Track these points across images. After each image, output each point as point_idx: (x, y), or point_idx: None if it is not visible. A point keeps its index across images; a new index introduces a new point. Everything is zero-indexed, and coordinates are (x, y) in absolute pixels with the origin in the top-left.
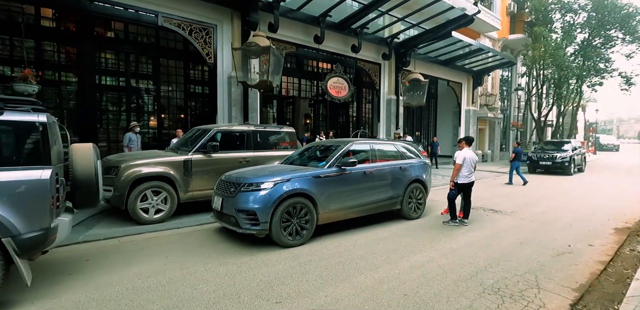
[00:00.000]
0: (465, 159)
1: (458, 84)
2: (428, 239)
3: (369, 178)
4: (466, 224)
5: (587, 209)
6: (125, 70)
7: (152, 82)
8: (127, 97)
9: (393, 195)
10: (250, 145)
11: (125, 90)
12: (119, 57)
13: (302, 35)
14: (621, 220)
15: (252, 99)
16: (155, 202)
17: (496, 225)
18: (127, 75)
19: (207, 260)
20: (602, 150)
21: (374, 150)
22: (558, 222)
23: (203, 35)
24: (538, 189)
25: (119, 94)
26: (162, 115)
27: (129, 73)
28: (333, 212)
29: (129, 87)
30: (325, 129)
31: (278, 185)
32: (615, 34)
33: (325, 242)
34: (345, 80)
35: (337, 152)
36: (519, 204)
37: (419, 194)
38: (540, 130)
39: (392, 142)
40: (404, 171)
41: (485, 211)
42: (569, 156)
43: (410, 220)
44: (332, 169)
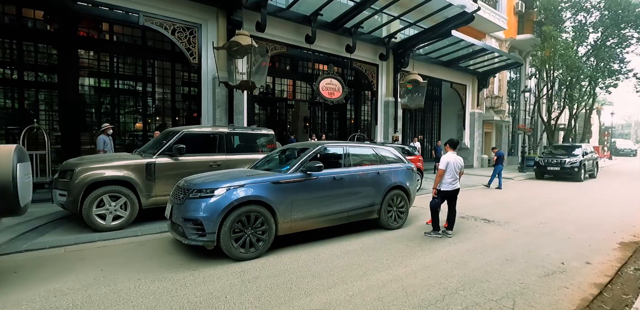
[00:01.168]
0: (448, 163)
1: (462, 86)
2: (401, 253)
3: (340, 184)
4: (450, 235)
5: (592, 219)
6: (109, 72)
7: (139, 84)
8: (112, 98)
9: (369, 203)
10: (222, 148)
11: (110, 91)
12: (103, 58)
13: (293, 35)
14: (629, 233)
15: (237, 100)
16: (113, 208)
17: (484, 238)
18: (111, 76)
19: (144, 275)
20: (619, 156)
21: (348, 154)
22: (556, 234)
23: (187, 34)
24: (541, 196)
25: (103, 95)
26: (148, 117)
27: (114, 74)
28: (296, 221)
29: (113, 89)
30: (318, 132)
31: (229, 191)
32: (630, 33)
33: (285, 255)
34: (338, 82)
35: (304, 155)
36: (516, 212)
37: (400, 201)
38: (550, 134)
39: (371, 145)
40: (383, 177)
41: (476, 221)
42: (578, 161)
43: (389, 230)
44: (295, 174)
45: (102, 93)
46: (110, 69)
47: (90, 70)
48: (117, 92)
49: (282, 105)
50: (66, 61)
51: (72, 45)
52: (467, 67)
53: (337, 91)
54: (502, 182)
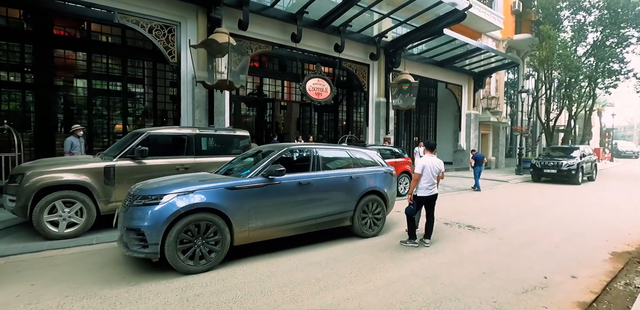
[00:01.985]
0: (424, 167)
1: (458, 87)
2: (369, 265)
3: (306, 189)
4: (427, 244)
5: (584, 225)
6: (87, 71)
7: (118, 84)
8: (90, 99)
9: (340, 209)
10: (191, 150)
11: (88, 92)
12: (81, 57)
13: (278, 34)
14: (623, 242)
15: (218, 100)
16: (66, 215)
17: (464, 247)
18: (89, 76)
19: (75, 291)
20: (620, 158)
21: (318, 157)
22: (543, 243)
23: (165, 33)
24: (534, 200)
25: (80, 95)
26: (129, 119)
27: (92, 74)
28: (255, 230)
29: (91, 89)
30: (307, 134)
31: (176, 198)
32: (630, 32)
33: (240, 268)
34: (326, 82)
35: (267, 159)
36: (504, 218)
37: (376, 207)
38: (549, 136)
39: (346, 147)
40: (356, 181)
41: (460, 228)
42: (576, 164)
43: (364, 238)
44: (256, 178)
45: (79, 93)
46: (87, 69)
47: (67, 70)
48: (97, 93)
49: (273, 106)
50: (42, 60)
51: (47, 44)
52: (463, 68)
53: (325, 91)
54: (479, 184)
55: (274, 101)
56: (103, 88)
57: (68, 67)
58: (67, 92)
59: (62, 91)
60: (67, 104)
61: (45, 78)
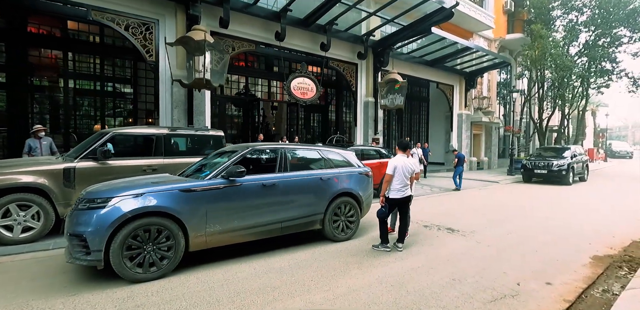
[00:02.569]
0: (396, 168)
1: (449, 86)
2: (334, 271)
3: (271, 192)
4: (400, 249)
5: (569, 227)
6: (64, 70)
7: (97, 83)
8: (67, 99)
9: (309, 212)
10: (160, 150)
11: (64, 91)
12: (57, 56)
13: (261, 32)
14: (606, 244)
15: (198, 100)
16: (22, 219)
17: (439, 251)
18: (65, 75)
19: (9, 302)
20: (615, 158)
21: (285, 158)
22: (523, 246)
23: (142, 30)
24: (522, 201)
25: (56, 95)
26: (107, 119)
27: (69, 73)
28: (214, 235)
29: (68, 88)
30: (294, 134)
31: (123, 202)
32: (623, 32)
33: (195, 275)
34: (312, 81)
35: (229, 159)
36: (487, 220)
37: (349, 210)
38: (541, 136)
39: (317, 147)
40: (327, 183)
41: (439, 230)
42: (566, 164)
43: (336, 242)
44: (215, 180)
45: (56, 93)
46: (65, 68)
47: (43, 69)
48: (75, 93)
49: (260, 106)
50: (15, 59)
51: (21, 43)
52: (454, 67)
53: (311, 91)
54: (461, 184)
55: (262, 101)
56: (82, 88)
57: (44, 66)
58: (43, 92)
59: (38, 91)
60: (43, 104)
61: (19, 77)
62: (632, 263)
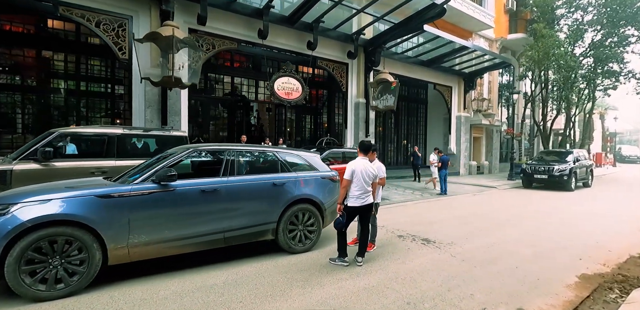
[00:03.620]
0: (354, 172)
1: (447, 88)
2: (273, 290)
3: (212, 198)
4: (360, 263)
5: (561, 239)
6: (37, 68)
7: (69, 82)
8: (39, 98)
9: (258, 220)
10: (112, 152)
11: (33, 90)
12: (27, 54)
13: (243, 30)
14: (598, 261)
15: (173, 99)
16: None
17: (403, 267)
18: (40, 73)
19: None
20: (624, 163)
21: (232, 161)
22: (504, 261)
23: (115, 27)
24: (515, 209)
25: (26, 94)
26: (76, 118)
27: (43, 71)
28: (138, 247)
29: (35, 87)
30: (278, 136)
31: (23, 209)
32: (630, 31)
33: (110, 293)
34: (297, 81)
35: (163, 162)
36: (471, 230)
37: (308, 218)
38: (545, 139)
39: (275, 149)
40: (281, 188)
41: (413, 241)
42: (568, 169)
43: (292, 254)
44: (143, 185)
45: (27, 92)
46: (38, 65)
47: (11, 67)
48: (51, 92)
49: (251, 107)
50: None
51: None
52: (452, 68)
53: (296, 91)
54: (447, 188)
55: (249, 102)
56: (57, 86)
57: (14, 65)
58: (14, 92)
59: (6, 90)
60: (13, 104)
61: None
62: (624, 284)
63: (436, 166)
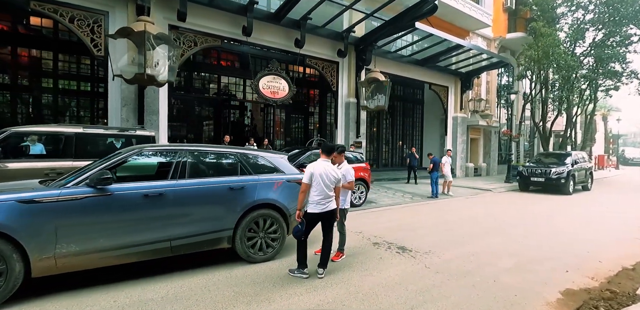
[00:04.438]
0: (313, 175)
1: (443, 88)
2: (212, 308)
3: (157, 203)
4: (321, 275)
5: (550, 247)
6: (10, 66)
7: (47, 80)
8: (14, 97)
9: (212, 227)
10: (70, 152)
11: (7, 88)
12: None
13: (227, 27)
14: (587, 273)
15: (150, 98)
16: None
17: (368, 280)
18: (16, 71)
19: None
20: (627, 165)
21: (183, 162)
22: (480, 272)
23: (90, 23)
24: (506, 214)
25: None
26: (54, 118)
27: (20, 69)
28: (68, 257)
29: (10, 85)
30: (264, 137)
31: None
32: (633, 30)
33: (30, 309)
34: (283, 79)
35: (103, 163)
36: (455, 237)
37: (270, 225)
38: (544, 141)
39: (234, 149)
40: (239, 192)
41: (388, 250)
42: (566, 171)
43: (252, 264)
44: (76, 189)
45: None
46: (13, 63)
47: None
48: (26, 90)
49: (230, 106)
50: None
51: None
52: (448, 67)
53: (282, 90)
54: (438, 191)
55: (237, 101)
56: (36, 84)
57: None
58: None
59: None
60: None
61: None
62: (612, 302)
63: (431, 170)
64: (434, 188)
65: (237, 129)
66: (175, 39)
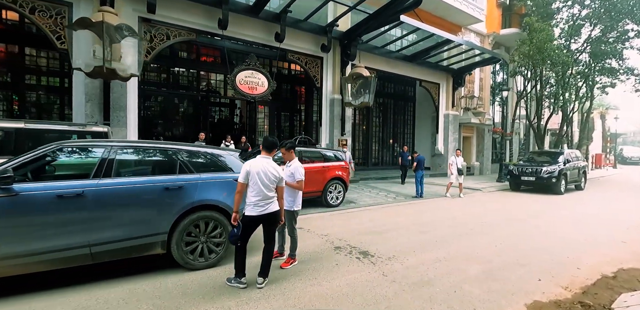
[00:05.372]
0: (249, 173)
1: (435, 85)
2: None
3: (75, 205)
4: (260, 285)
5: (523, 253)
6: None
7: (6, 75)
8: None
9: (142, 232)
10: (9, 149)
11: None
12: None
13: (202, 20)
14: (561, 282)
15: (117, 93)
16: None
17: (313, 291)
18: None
19: None
20: (626, 164)
21: (110, 159)
22: (441, 282)
23: (53, 14)
24: (489, 215)
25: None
26: (25, 115)
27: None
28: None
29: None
30: (247, 134)
31: None
32: (629, 26)
33: None
34: (262, 75)
35: (12, 161)
36: (423, 241)
37: (213, 228)
38: (539, 139)
39: (173, 145)
40: (176, 193)
41: (348, 255)
42: (557, 170)
43: (192, 271)
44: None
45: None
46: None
47: None
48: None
49: (219, 103)
50: None
51: None
52: (439, 64)
53: (261, 86)
54: (424, 191)
55: (217, 97)
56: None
57: None
58: None
59: None
60: None
61: None
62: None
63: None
64: (418, 188)
65: (218, 126)
66: (146, 32)
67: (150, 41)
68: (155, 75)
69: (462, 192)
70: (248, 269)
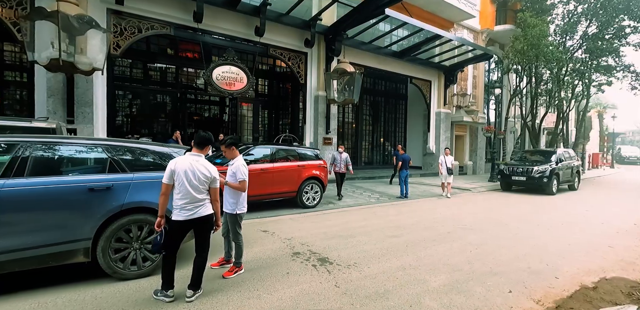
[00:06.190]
0: (175, 172)
1: (426, 82)
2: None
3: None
4: (190, 298)
5: (498, 260)
6: None
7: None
8: None
9: (59, 238)
10: None
11: None
12: None
13: (178, 13)
14: (533, 294)
15: (82, 89)
16: None
17: (249, 305)
18: None
19: None
20: (623, 164)
21: (25, 157)
22: (397, 295)
23: (13, 5)
24: (471, 217)
25: None
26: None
27: None
28: None
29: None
30: (227, 132)
31: None
32: (626, 22)
33: None
34: (241, 70)
35: None
36: (391, 246)
37: (148, 233)
38: (534, 138)
39: (102, 141)
40: (103, 194)
41: (305, 262)
42: (548, 170)
43: (122, 281)
44: None
45: None
46: None
47: None
48: None
49: (199, 100)
50: None
51: None
52: (430, 60)
53: (240, 82)
54: (409, 191)
55: (196, 94)
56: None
57: None
58: None
59: None
60: None
61: None
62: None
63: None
64: (402, 188)
65: (198, 124)
66: (116, 24)
67: (120, 34)
68: (130, 70)
69: (450, 192)
70: (180, 278)
